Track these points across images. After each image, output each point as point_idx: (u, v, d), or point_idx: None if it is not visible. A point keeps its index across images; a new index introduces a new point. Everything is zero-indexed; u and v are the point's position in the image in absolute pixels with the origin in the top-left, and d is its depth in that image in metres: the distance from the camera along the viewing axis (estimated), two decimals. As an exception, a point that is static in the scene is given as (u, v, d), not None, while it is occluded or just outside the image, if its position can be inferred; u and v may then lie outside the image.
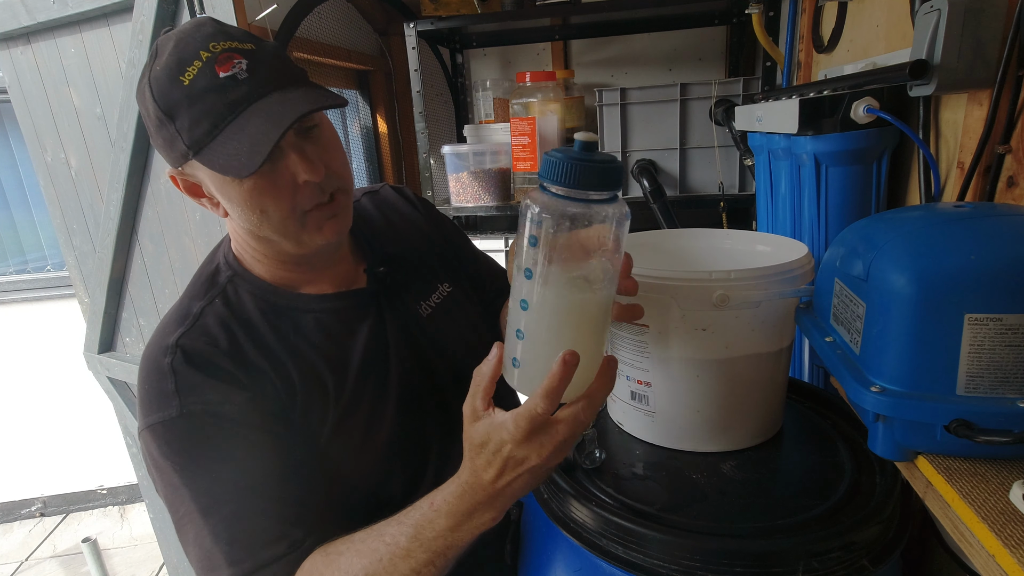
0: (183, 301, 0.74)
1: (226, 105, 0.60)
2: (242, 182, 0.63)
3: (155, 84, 0.61)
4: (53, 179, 1.72)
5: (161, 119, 0.62)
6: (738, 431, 0.74)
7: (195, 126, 0.61)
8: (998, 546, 0.42)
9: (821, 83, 0.97)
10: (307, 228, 0.69)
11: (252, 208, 0.65)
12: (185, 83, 0.60)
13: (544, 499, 0.71)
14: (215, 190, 0.67)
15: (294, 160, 0.64)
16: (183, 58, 0.60)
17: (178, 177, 0.69)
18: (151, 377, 0.66)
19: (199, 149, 0.61)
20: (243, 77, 0.60)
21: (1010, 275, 0.47)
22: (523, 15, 1.65)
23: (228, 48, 0.61)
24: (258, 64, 0.62)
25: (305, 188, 0.66)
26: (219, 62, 0.60)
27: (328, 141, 0.69)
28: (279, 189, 0.65)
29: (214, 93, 0.60)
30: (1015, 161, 0.67)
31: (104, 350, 1.84)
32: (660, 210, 1.53)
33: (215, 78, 0.60)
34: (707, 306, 0.66)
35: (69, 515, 3.22)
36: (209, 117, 0.60)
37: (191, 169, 0.67)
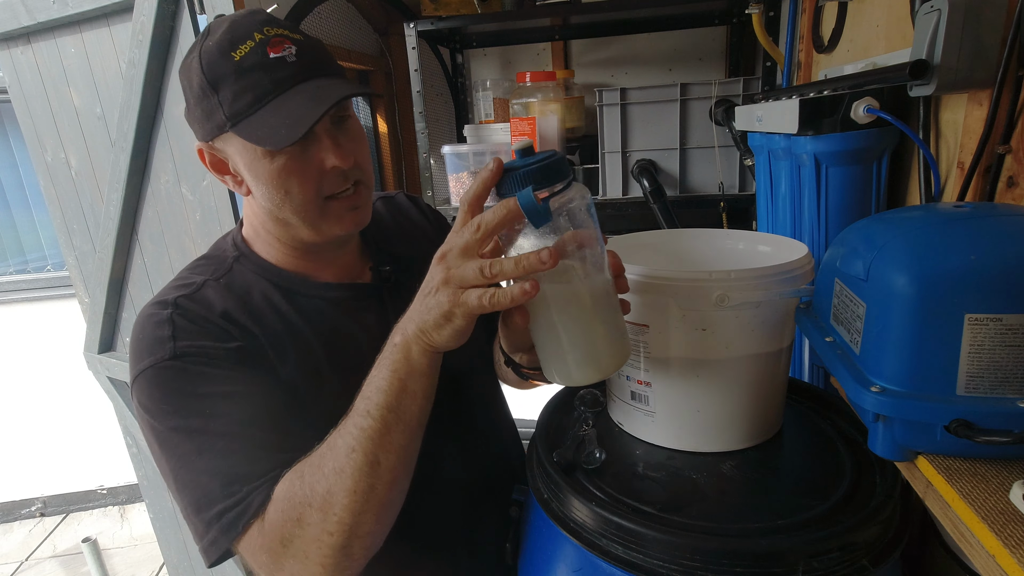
0: (184, 274, 0.74)
1: (272, 82, 0.63)
2: (273, 160, 0.65)
3: (205, 57, 0.63)
4: (53, 179, 1.72)
5: (204, 90, 0.64)
6: (738, 431, 0.74)
7: (237, 99, 0.63)
8: (998, 546, 0.42)
9: (821, 83, 0.97)
10: (327, 216, 0.70)
11: (277, 187, 0.67)
12: (235, 58, 0.62)
13: (544, 499, 0.71)
14: (243, 167, 0.68)
15: (326, 145, 0.66)
16: (236, 37, 0.63)
17: (206, 151, 0.70)
18: (146, 327, 0.66)
19: (238, 121, 0.63)
20: (291, 60, 0.64)
21: (1010, 275, 0.47)
22: (523, 15, 1.65)
23: (280, 34, 0.64)
24: (305, 51, 0.65)
25: (331, 174, 0.68)
26: (271, 44, 0.63)
27: (357, 134, 0.72)
28: (307, 171, 0.66)
29: (262, 71, 0.63)
30: (1015, 161, 0.67)
31: (104, 350, 1.84)
32: (660, 210, 1.52)
33: (265, 57, 0.63)
34: (707, 306, 0.66)
35: (69, 515, 3.22)
36: (253, 91, 0.63)
37: (221, 144, 0.68)
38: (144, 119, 1.45)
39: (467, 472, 0.86)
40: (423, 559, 0.83)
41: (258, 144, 0.63)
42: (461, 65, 2.03)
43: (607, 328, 0.59)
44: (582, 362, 0.60)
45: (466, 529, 0.86)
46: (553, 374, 0.62)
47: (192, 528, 0.62)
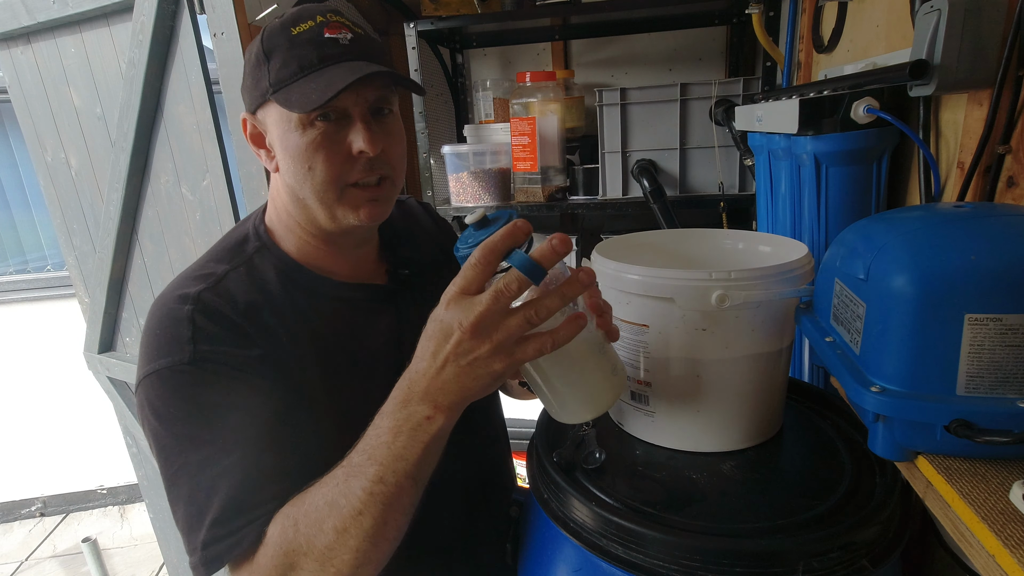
0: (204, 262, 0.73)
1: (319, 57, 0.65)
2: (304, 133, 0.66)
3: (267, 31, 0.68)
4: (53, 179, 1.72)
5: (260, 59, 0.67)
6: (738, 431, 0.74)
7: (283, 67, 0.65)
8: (998, 546, 0.42)
9: (821, 83, 0.97)
10: (343, 203, 0.70)
11: (303, 162, 0.67)
12: (293, 33, 0.66)
13: (544, 499, 0.71)
14: (277, 139, 0.69)
15: (358, 128, 0.67)
16: (300, 16, 0.67)
17: (248, 121, 0.73)
18: (164, 323, 0.64)
19: (279, 88, 0.66)
20: (344, 42, 0.66)
21: (1010, 275, 0.47)
22: (523, 15, 1.65)
23: (340, 21, 0.68)
24: (360, 40, 0.68)
25: (357, 160, 0.68)
26: (330, 27, 0.66)
27: (395, 131, 0.72)
28: (333, 151, 0.67)
29: (312, 46, 0.65)
30: (1015, 161, 0.67)
31: (104, 350, 1.84)
32: (660, 210, 1.52)
33: (320, 35, 0.66)
34: (707, 306, 0.66)
35: (69, 515, 3.22)
36: (299, 62, 0.65)
37: (263, 114, 0.70)
38: (144, 119, 1.45)
39: (465, 473, 0.86)
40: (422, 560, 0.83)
41: (288, 108, 0.64)
42: (461, 65, 2.03)
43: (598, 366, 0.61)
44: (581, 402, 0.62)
45: (465, 530, 0.86)
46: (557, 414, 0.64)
47: (183, 539, 0.62)
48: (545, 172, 1.63)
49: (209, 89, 1.37)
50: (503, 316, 0.50)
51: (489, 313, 0.49)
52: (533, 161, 1.60)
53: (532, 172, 1.62)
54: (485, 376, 0.52)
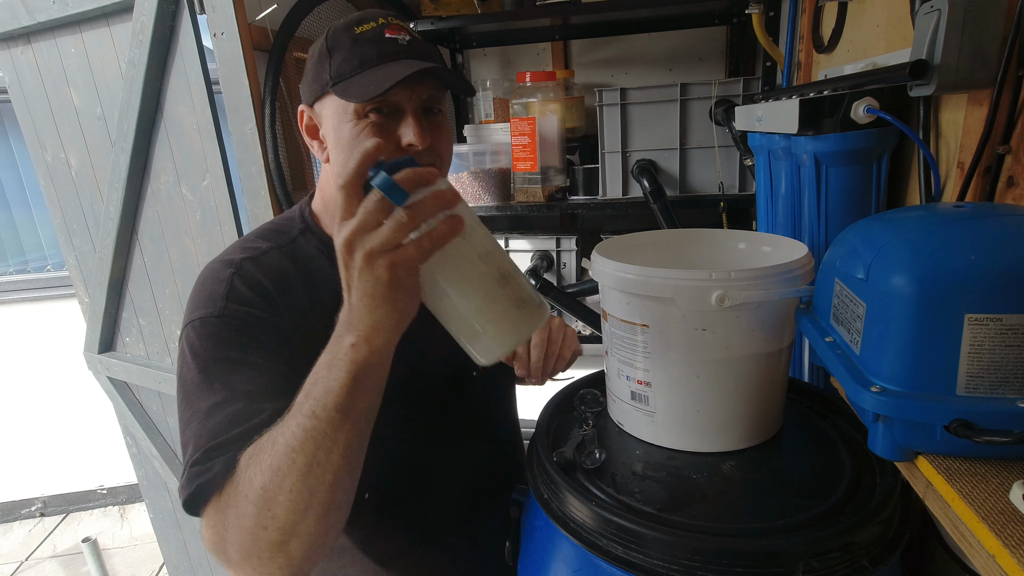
0: (252, 238, 0.79)
1: (379, 55, 0.70)
2: (357, 123, 0.70)
3: (331, 30, 0.73)
4: (53, 179, 1.72)
5: (323, 54, 0.72)
6: (738, 431, 0.74)
7: (345, 63, 0.70)
8: (998, 546, 0.42)
9: (821, 83, 0.97)
10: None
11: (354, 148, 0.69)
12: (356, 32, 0.71)
13: (544, 499, 0.71)
14: (331, 130, 0.73)
15: (409, 122, 0.71)
16: (363, 18, 0.72)
17: (305, 115, 0.77)
18: (207, 281, 0.72)
19: (338, 81, 0.70)
20: (402, 43, 0.71)
21: (1010, 275, 0.47)
22: (523, 15, 1.65)
23: (401, 24, 0.73)
24: (418, 43, 0.73)
25: (405, 153, 0.71)
26: (390, 28, 0.71)
27: (444, 130, 0.77)
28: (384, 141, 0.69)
29: (373, 44, 0.70)
30: (1015, 161, 0.67)
31: (104, 350, 1.84)
32: (660, 210, 1.52)
33: (381, 36, 0.71)
34: (707, 306, 0.66)
35: (69, 515, 3.22)
36: (359, 58, 0.70)
37: (320, 107, 0.74)
38: (144, 119, 1.45)
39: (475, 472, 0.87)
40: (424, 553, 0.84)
41: (346, 98, 0.69)
42: (461, 65, 2.03)
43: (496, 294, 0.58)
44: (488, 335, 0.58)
45: (470, 528, 0.87)
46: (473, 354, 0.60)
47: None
48: (545, 172, 1.63)
49: (209, 89, 1.37)
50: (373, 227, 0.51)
51: (358, 229, 0.51)
52: (533, 161, 1.60)
53: (532, 172, 1.62)
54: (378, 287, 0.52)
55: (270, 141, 1.36)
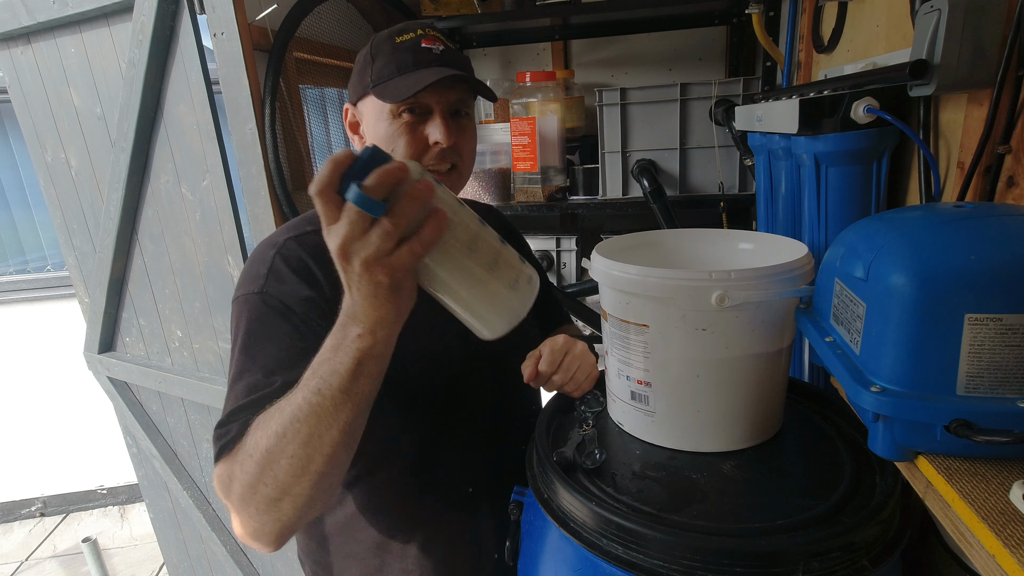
0: (297, 222, 0.86)
1: (415, 61, 0.79)
2: (392, 122, 0.79)
3: (376, 37, 0.82)
4: (53, 179, 1.72)
5: (367, 59, 0.81)
6: (738, 431, 0.74)
7: (384, 68, 0.79)
8: (998, 546, 0.42)
9: (821, 83, 0.97)
10: None
11: (387, 144, 0.79)
12: (397, 41, 0.80)
13: (544, 499, 0.71)
14: (370, 126, 0.82)
15: (437, 123, 0.79)
16: (404, 29, 0.81)
17: (349, 112, 0.87)
18: (255, 260, 0.80)
19: (377, 84, 0.79)
20: (437, 52, 0.80)
21: (1010, 275, 0.47)
22: (523, 15, 1.65)
23: (438, 36, 0.81)
24: (451, 52, 0.81)
25: (433, 149, 0.80)
26: (428, 39, 0.80)
27: (468, 130, 0.85)
28: (414, 138, 0.80)
29: (411, 52, 0.79)
30: (1015, 161, 0.67)
31: (104, 350, 1.84)
32: (660, 210, 1.52)
33: (418, 44, 0.79)
34: (707, 306, 0.66)
35: (69, 515, 3.22)
36: (397, 64, 0.79)
37: (362, 106, 0.84)
38: (144, 119, 1.45)
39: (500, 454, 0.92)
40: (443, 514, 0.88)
41: (382, 99, 0.78)
42: (461, 65, 2.03)
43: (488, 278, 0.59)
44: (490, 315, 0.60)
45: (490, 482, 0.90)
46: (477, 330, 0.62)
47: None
48: (545, 172, 1.63)
49: (209, 89, 1.37)
50: (363, 235, 0.53)
51: (349, 237, 0.53)
52: (533, 161, 1.60)
53: (532, 172, 1.62)
54: (380, 290, 0.55)
55: (270, 141, 1.36)
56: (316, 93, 1.88)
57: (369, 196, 0.51)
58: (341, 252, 0.54)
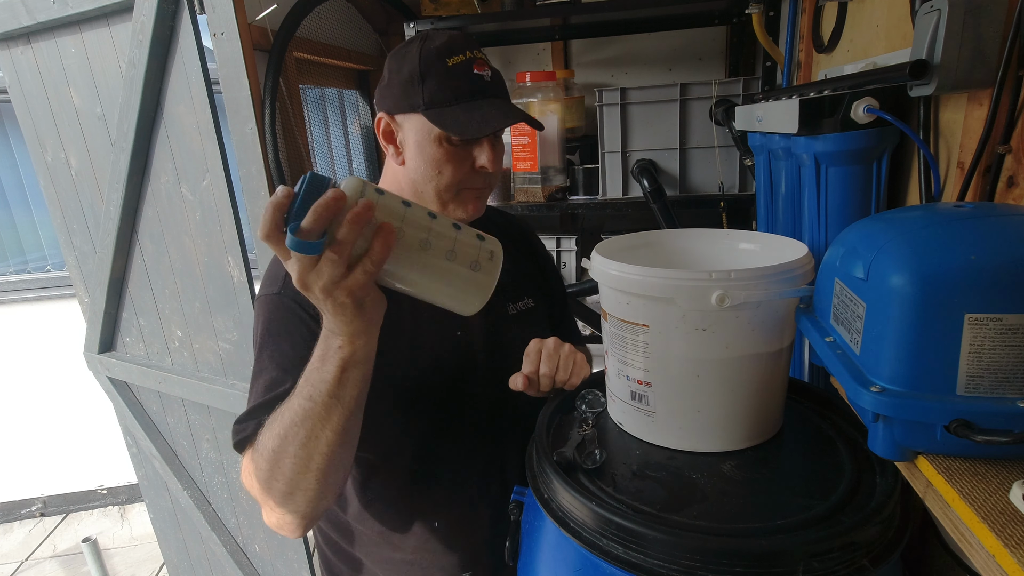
0: None
1: (470, 91, 0.81)
2: (441, 145, 0.81)
3: (424, 53, 0.81)
4: (53, 179, 1.72)
5: (413, 76, 0.81)
6: (738, 431, 0.74)
7: (439, 92, 0.80)
8: (998, 546, 0.42)
9: (821, 83, 0.97)
10: (457, 200, 0.86)
11: (435, 166, 0.82)
12: (448, 64, 0.80)
13: (544, 499, 0.71)
14: (412, 143, 0.83)
15: (485, 149, 0.83)
16: (453, 49, 0.81)
17: (384, 121, 0.86)
18: (276, 261, 0.83)
19: (431, 107, 0.80)
20: (487, 80, 0.83)
21: (1010, 275, 0.47)
22: (523, 15, 1.65)
23: (482, 59, 0.84)
24: (495, 77, 0.85)
25: (478, 172, 0.85)
26: (477, 64, 0.82)
27: (501, 149, 0.90)
28: (462, 162, 0.83)
29: (466, 79, 0.81)
30: (1015, 161, 0.67)
31: (104, 350, 1.84)
32: (660, 210, 1.52)
33: (470, 71, 0.81)
34: (707, 306, 0.66)
35: (69, 515, 3.22)
36: (454, 91, 0.80)
37: (402, 119, 0.84)
38: (144, 119, 1.45)
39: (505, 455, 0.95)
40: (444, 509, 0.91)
41: (446, 130, 0.80)
42: (461, 65, 2.03)
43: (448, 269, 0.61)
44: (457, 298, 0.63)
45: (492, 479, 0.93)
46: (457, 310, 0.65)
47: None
48: (545, 172, 1.63)
49: (209, 89, 1.37)
50: (313, 267, 0.56)
51: (302, 271, 0.57)
52: (533, 161, 1.60)
53: (532, 172, 1.62)
54: (345, 309, 0.59)
55: (270, 141, 1.36)
56: (316, 93, 1.89)
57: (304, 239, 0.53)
58: (300, 284, 0.57)
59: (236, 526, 1.87)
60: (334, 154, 1.98)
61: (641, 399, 0.76)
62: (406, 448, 0.88)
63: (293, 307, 0.80)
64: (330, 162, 1.95)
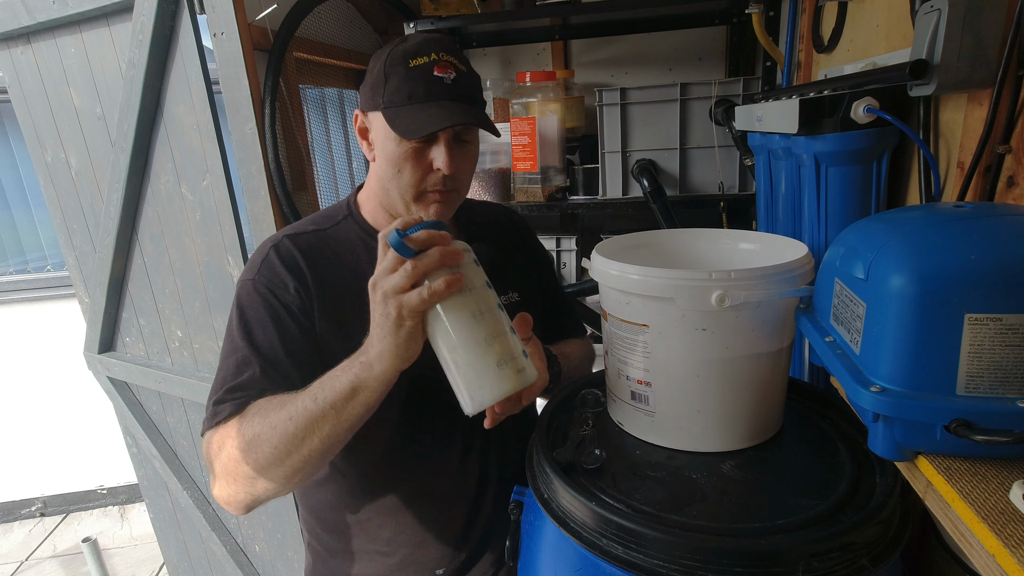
0: (302, 221, 0.94)
1: (425, 92, 0.80)
2: (400, 143, 0.82)
3: (393, 54, 0.82)
4: (53, 179, 1.72)
5: (380, 76, 0.83)
6: (738, 431, 0.74)
7: (396, 92, 0.81)
8: (998, 546, 0.42)
9: (821, 83, 0.97)
10: (418, 201, 0.86)
11: (395, 165, 0.83)
12: (410, 65, 0.80)
13: (544, 499, 0.71)
14: (379, 140, 0.85)
15: (442, 151, 0.82)
16: (419, 51, 0.81)
17: (360, 116, 0.89)
18: (257, 252, 0.88)
19: (388, 107, 0.81)
20: (448, 82, 0.81)
21: (1010, 275, 0.47)
22: (523, 15, 1.65)
23: (449, 61, 0.82)
24: (462, 79, 0.83)
25: (434, 174, 0.84)
26: (439, 65, 0.81)
27: (470, 157, 0.89)
28: (419, 163, 0.83)
29: (423, 81, 0.80)
30: (1015, 161, 0.67)
31: (104, 350, 1.84)
32: (660, 210, 1.52)
33: (430, 73, 0.81)
34: (707, 306, 0.66)
35: (69, 515, 3.22)
36: (409, 91, 0.80)
37: (372, 117, 0.86)
38: (144, 119, 1.45)
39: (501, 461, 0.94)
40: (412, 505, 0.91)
41: (393, 130, 0.81)
42: (461, 65, 2.02)
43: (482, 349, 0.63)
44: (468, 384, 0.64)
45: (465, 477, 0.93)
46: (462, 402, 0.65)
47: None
48: (545, 172, 1.63)
49: (209, 89, 1.37)
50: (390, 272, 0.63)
51: (380, 273, 0.64)
52: (533, 161, 1.60)
53: (532, 172, 1.62)
54: (386, 319, 0.63)
55: (270, 141, 1.36)
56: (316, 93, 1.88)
57: (403, 242, 0.61)
58: (372, 282, 0.65)
59: (236, 526, 1.87)
60: (334, 154, 1.98)
61: (641, 399, 0.76)
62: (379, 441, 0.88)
63: (266, 294, 0.82)
64: (330, 162, 1.95)
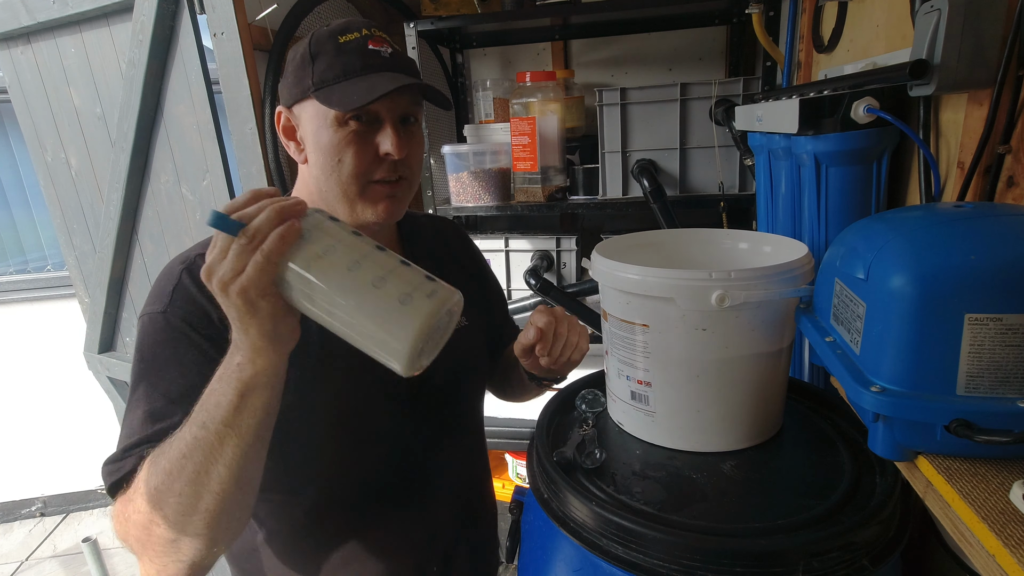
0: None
1: (363, 66, 0.71)
2: (338, 129, 0.71)
3: (315, 36, 0.73)
4: (53, 179, 1.72)
5: (304, 59, 0.73)
6: (738, 431, 0.74)
7: (328, 70, 0.71)
8: (998, 546, 0.42)
9: (821, 83, 0.97)
10: (364, 197, 0.75)
11: (334, 155, 0.72)
12: (340, 41, 0.72)
13: (544, 499, 0.71)
14: (310, 133, 0.74)
15: (388, 132, 0.73)
16: (348, 28, 0.73)
17: (283, 115, 0.77)
18: (163, 276, 0.72)
19: (321, 87, 0.71)
20: (385, 56, 0.73)
21: (1010, 275, 0.47)
22: (523, 15, 1.65)
23: (383, 37, 0.74)
24: (399, 56, 0.75)
25: (383, 161, 0.74)
26: (374, 40, 0.73)
27: (418, 139, 0.79)
28: (363, 149, 0.73)
29: (358, 55, 0.72)
30: (1015, 161, 0.67)
31: (104, 350, 1.84)
32: (660, 210, 1.52)
33: (365, 47, 0.72)
34: (707, 306, 0.66)
35: (69, 515, 3.22)
36: (343, 67, 0.71)
37: (299, 110, 0.75)
38: (144, 119, 1.45)
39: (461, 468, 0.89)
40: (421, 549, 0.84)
41: (329, 105, 0.70)
42: (461, 65, 2.03)
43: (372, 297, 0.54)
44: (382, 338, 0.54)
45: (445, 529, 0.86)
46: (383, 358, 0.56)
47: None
48: (545, 172, 1.63)
49: (209, 89, 1.37)
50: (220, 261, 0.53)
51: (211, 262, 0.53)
52: (533, 161, 1.60)
53: (532, 172, 1.62)
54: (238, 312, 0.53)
55: (270, 141, 1.36)
56: (316, 93, 1.88)
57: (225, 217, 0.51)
58: (205, 274, 0.53)
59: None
60: (334, 154, 1.98)
61: (641, 399, 0.76)
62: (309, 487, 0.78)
63: (182, 327, 0.68)
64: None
